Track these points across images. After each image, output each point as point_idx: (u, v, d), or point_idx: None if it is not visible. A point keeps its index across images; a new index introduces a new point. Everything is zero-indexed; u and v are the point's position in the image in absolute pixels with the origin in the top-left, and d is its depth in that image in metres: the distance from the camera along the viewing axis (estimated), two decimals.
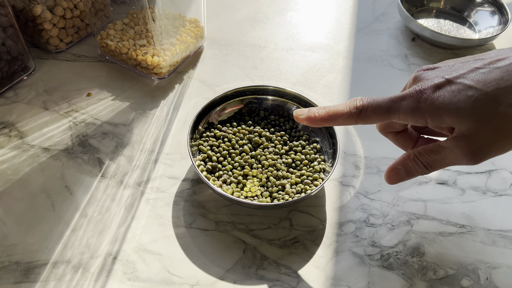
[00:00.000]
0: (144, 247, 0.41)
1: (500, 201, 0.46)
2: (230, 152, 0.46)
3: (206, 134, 0.47)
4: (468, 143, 0.33)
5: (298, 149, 0.47)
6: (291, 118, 0.49)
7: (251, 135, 0.47)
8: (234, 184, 0.43)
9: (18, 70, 0.53)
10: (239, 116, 0.50)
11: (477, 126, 0.33)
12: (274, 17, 0.67)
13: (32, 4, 0.52)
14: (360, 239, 0.42)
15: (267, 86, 0.50)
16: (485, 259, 0.41)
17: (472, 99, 0.32)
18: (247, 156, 0.46)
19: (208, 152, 0.45)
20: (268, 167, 0.45)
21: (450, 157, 0.35)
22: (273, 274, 0.40)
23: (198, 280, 0.39)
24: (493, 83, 0.32)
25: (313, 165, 0.45)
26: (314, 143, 0.47)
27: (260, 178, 0.44)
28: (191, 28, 0.57)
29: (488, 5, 0.66)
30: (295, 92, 0.49)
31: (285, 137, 0.48)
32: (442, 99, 0.33)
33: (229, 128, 0.48)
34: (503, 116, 0.32)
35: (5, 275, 0.38)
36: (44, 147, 0.48)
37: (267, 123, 0.49)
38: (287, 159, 0.46)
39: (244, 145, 0.46)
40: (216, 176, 0.44)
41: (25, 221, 0.42)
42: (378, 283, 0.39)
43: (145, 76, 0.56)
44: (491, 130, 0.33)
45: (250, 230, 0.42)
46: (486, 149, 0.34)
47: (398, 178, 0.38)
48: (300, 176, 0.44)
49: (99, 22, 0.57)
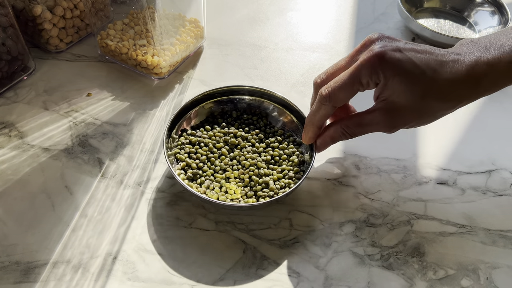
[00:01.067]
0: (144, 247, 0.41)
1: (500, 201, 0.46)
2: (208, 156, 0.46)
3: (180, 141, 0.46)
4: (393, 118, 0.39)
5: (275, 145, 0.47)
6: (264, 115, 0.50)
7: (226, 137, 0.47)
8: (217, 188, 0.43)
9: (18, 70, 0.53)
10: (212, 119, 0.49)
11: (407, 104, 0.38)
12: (274, 17, 0.67)
13: (32, 4, 0.52)
14: (360, 239, 0.42)
15: (238, 86, 0.50)
16: (485, 259, 0.41)
17: (416, 78, 0.37)
18: (227, 158, 0.46)
19: (187, 160, 0.45)
20: (249, 167, 0.45)
21: (372, 129, 0.40)
22: (273, 274, 0.40)
23: (198, 280, 0.39)
24: (431, 70, 0.37)
25: (292, 159, 0.45)
26: (290, 137, 0.48)
27: (243, 178, 0.44)
28: (191, 28, 0.57)
29: (488, 5, 0.66)
30: (268, 90, 0.49)
31: (260, 134, 0.48)
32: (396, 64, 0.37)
33: (203, 132, 0.48)
34: (425, 107, 0.38)
35: (5, 275, 0.38)
36: (44, 147, 0.48)
37: (240, 123, 0.49)
38: (266, 156, 0.46)
39: (221, 148, 0.46)
40: (198, 183, 0.44)
41: (25, 221, 0.42)
42: (378, 283, 0.39)
43: (145, 76, 0.56)
44: (413, 113, 0.38)
45: (250, 230, 0.42)
46: (403, 125, 0.39)
47: (327, 147, 0.43)
48: (281, 172, 0.45)
49: (99, 22, 0.57)
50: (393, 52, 0.37)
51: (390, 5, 0.70)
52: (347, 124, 0.41)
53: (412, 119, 0.39)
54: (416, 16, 0.67)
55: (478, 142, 0.51)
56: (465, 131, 0.52)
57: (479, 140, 0.51)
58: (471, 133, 0.52)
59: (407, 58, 0.37)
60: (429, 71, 0.37)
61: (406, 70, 0.37)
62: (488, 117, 0.54)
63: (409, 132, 0.51)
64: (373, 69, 0.37)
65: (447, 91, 0.38)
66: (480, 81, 0.38)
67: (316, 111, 0.41)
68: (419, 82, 0.37)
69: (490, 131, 0.52)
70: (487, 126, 0.53)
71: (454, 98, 0.38)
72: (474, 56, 0.38)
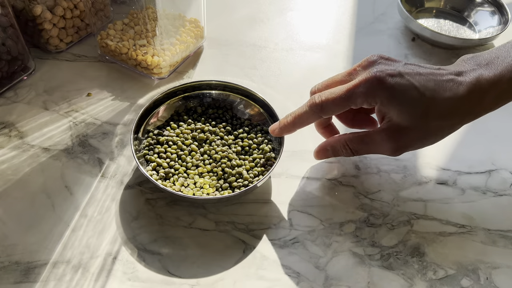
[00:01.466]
0: (144, 247, 0.41)
1: (500, 201, 0.46)
2: (179, 154, 0.46)
3: (148, 142, 0.46)
4: (396, 139, 0.39)
5: (243, 136, 0.47)
6: (229, 108, 0.50)
7: (194, 133, 0.47)
8: (192, 185, 0.43)
9: (18, 70, 0.53)
10: (177, 117, 0.49)
11: (409, 125, 0.38)
12: (274, 17, 0.67)
13: (32, 4, 0.52)
14: (360, 239, 0.42)
15: (199, 82, 0.50)
16: (485, 259, 0.41)
17: (415, 100, 0.37)
18: (197, 154, 0.46)
19: (157, 160, 0.45)
20: (220, 160, 0.45)
21: (376, 148, 0.40)
22: (273, 274, 0.40)
23: (198, 280, 0.39)
24: (430, 91, 0.37)
25: (262, 147, 0.46)
26: (257, 126, 0.48)
27: (216, 172, 0.44)
28: (191, 28, 0.57)
29: (488, 5, 0.66)
30: (231, 83, 0.49)
31: (228, 127, 0.48)
32: (393, 89, 0.37)
33: (170, 131, 0.48)
34: (427, 127, 0.38)
35: (5, 275, 0.38)
36: (44, 147, 0.48)
37: (207, 118, 0.49)
38: (236, 147, 0.46)
39: (190, 144, 0.46)
40: (172, 181, 0.43)
41: (25, 221, 0.42)
42: (378, 283, 0.39)
43: (145, 76, 0.56)
44: (416, 133, 0.38)
45: (250, 230, 0.42)
46: (407, 147, 0.40)
47: (325, 156, 0.45)
48: (253, 160, 0.45)
49: (99, 22, 0.57)
50: (392, 78, 0.37)
51: (390, 5, 0.70)
52: (351, 138, 0.41)
53: (416, 140, 0.39)
54: (416, 16, 0.67)
55: (478, 142, 0.51)
56: (465, 131, 0.52)
57: (479, 140, 0.52)
58: (471, 133, 0.52)
59: (406, 81, 0.37)
60: (428, 92, 0.37)
61: (404, 94, 0.37)
62: (488, 118, 0.54)
63: None
64: (370, 91, 0.37)
65: (448, 110, 0.38)
66: (482, 99, 0.38)
67: (302, 113, 0.41)
68: (418, 103, 0.37)
69: (490, 131, 0.52)
70: (487, 126, 0.53)
71: (456, 117, 0.38)
72: (475, 73, 0.38)
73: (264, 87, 0.56)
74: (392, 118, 0.38)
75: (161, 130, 0.48)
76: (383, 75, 0.37)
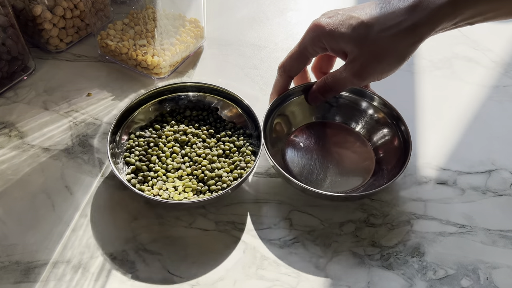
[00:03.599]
0: (144, 247, 0.41)
1: (500, 201, 0.46)
2: (159, 156, 0.45)
3: (129, 144, 0.46)
4: (353, 67, 0.41)
5: (225, 139, 0.47)
6: (214, 110, 0.50)
7: (176, 134, 0.47)
8: (171, 188, 0.43)
9: (18, 70, 0.53)
10: (161, 118, 0.49)
11: (357, 50, 0.40)
12: (274, 17, 0.67)
13: (32, 4, 0.52)
14: (360, 239, 0.42)
15: (184, 83, 0.50)
16: (485, 259, 0.41)
17: (352, 27, 0.39)
18: (178, 156, 0.45)
19: (137, 164, 0.44)
20: (201, 162, 0.45)
21: (345, 80, 0.42)
22: (273, 274, 0.40)
23: (198, 280, 0.39)
24: (368, 13, 0.39)
25: (243, 150, 0.46)
26: (240, 129, 0.48)
27: (196, 175, 0.44)
28: (191, 28, 0.57)
29: None
30: (213, 85, 0.49)
31: (211, 130, 0.48)
32: (333, 25, 0.40)
33: (152, 132, 0.47)
34: (374, 41, 0.39)
35: (5, 275, 0.38)
36: (44, 147, 0.48)
37: (190, 119, 0.49)
38: (218, 150, 0.46)
39: (172, 146, 0.46)
40: (150, 184, 0.43)
41: (25, 221, 0.42)
42: (378, 283, 0.39)
43: (145, 76, 0.56)
44: (366, 54, 0.40)
45: (250, 230, 0.42)
46: (365, 71, 0.41)
47: (318, 100, 0.47)
48: (233, 163, 0.45)
49: (99, 22, 0.57)
50: (328, 18, 0.41)
51: None
52: (327, 76, 0.45)
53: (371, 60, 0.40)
54: None
55: (478, 142, 0.51)
56: (465, 131, 0.52)
57: (479, 140, 0.51)
58: (471, 133, 0.52)
59: (342, 15, 0.40)
60: (365, 16, 0.39)
61: (342, 24, 0.40)
62: (488, 117, 0.54)
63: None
64: (314, 35, 0.42)
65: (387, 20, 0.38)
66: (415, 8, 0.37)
67: (276, 81, 0.47)
68: (359, 26, 0.39)
69: (490, 131, 0.52)
70: (487, 126, 0.53)
71: (394, 25, 0.38)
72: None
73: (264, 87, 0.56)
74: (344, 51, 0.41)
75: (144, 131, 0.47)
76: (319, 19, 0.42)
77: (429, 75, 0.59)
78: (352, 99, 0.50)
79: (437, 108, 0.55)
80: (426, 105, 0.55)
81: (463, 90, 0.57)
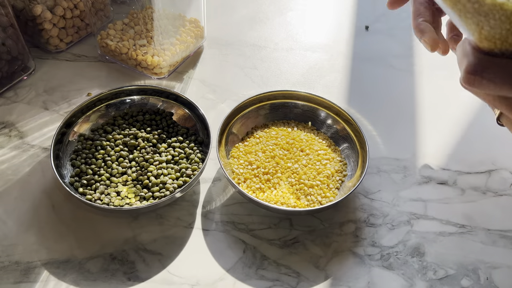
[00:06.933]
0: (144, 247, 0.41)
1: (500, 201, 0.46)
2: (105, 159, 0.44)
3: (76, 147, 0.45)
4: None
5: (176, 145, 0.46)
6: (168, 115, 0.49)
7: (126, 138, 0.46)
8: (114, 193, 0.42)
9: (18, 70, 0.53)
10: (113, 121, 0.48)
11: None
12: (274, 17, 0.67)
13: (32, 4, 0.52)
14: (360, 239, 0.42)
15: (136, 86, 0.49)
16: (485, 259, 0.41)
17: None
18: (125, 161, 0.45)
19: (81, 166, 0.44)
20: (147, 168, 0.44)
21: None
22: (273, 274, 0.40)
23: (198, 280, 0.39)
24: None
25: (192, 157, 0.45)
26: (192, 136, 0.47)
27: (141, 180, 0.43)
28: (191, 28, 0.57)
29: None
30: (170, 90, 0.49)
31: (162, 134, 0.47)
32: None
33: (102, 135, 0.47)
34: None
35: (5, 275, 0.38)
36: (44, 147, 0.48)
37: (143, 123, 0.48)
38: (167, 155, 0.45)
39: (120, 150, 0.45)
40: (93, 188, 0.43)
41: (25, 221, 0.42)
42: (378, 283, 0.39)
43: (145, 76, 0.56)
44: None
45: (250, 230, 0.42)
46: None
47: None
48: (179, 170, 0.44)
49: (99, 22, 0.57)
50: None
51: None
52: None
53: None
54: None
55: (478, 142, 0.51)
56: (465, 131, 0.52)
57: (479, 140, 0.51)
58: (471, 133, 0.52)
59: None
60: None
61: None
62: (488, 117, 0.54)
63: (409, 132, 0.51)
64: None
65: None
66: None
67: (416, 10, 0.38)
68: None
69: (490, 131, 0.52)
70: (487, 126, 0.53)
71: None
72: None
73: (264, 87, 0.56)
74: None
75: (94, 134, 0.47)
76: None
77: (429, 75, 0.59)
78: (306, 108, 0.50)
79: (437, 108, 0.55)
80: (426, 105, 0.55)
81: (463, 90, 0.57)
